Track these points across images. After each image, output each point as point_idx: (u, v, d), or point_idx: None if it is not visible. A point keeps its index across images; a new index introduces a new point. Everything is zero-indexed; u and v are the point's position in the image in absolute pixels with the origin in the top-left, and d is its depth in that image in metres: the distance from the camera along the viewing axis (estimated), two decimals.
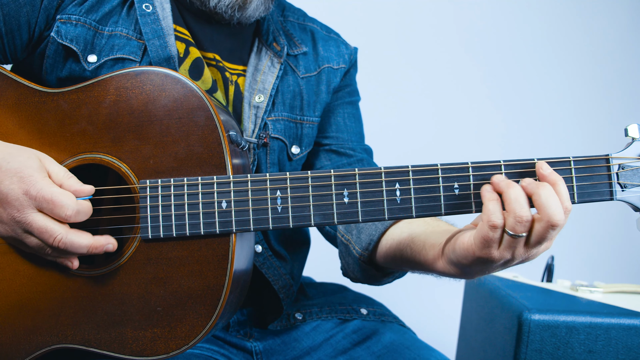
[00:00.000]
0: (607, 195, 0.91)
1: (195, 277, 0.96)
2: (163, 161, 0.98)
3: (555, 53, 2.70)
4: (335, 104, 1.36)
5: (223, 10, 1.17)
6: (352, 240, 1.18)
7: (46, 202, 0.91)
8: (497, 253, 0.87)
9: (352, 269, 1.20)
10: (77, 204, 0.92)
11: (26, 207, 0.91)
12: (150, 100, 0.99)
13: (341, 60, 1.36)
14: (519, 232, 0.84)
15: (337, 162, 1.33)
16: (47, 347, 0.99)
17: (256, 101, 1.22)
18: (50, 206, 0.91)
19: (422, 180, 0.92)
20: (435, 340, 1.35)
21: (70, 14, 1.12)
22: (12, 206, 0.91)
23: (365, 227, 1.15)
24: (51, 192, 0.91)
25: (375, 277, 1.20)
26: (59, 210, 0.91)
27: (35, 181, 0.91)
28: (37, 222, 0.91)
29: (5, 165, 0.92)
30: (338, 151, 1.33)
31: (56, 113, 1.01)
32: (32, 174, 0.92)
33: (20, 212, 0.91)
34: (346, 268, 1.23)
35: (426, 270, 1.03)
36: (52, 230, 0.91)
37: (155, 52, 1.12)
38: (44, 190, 0.91)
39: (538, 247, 0.87)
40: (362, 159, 1.33)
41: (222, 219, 0.95)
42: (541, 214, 0.84)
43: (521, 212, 0.83)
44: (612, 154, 0.92)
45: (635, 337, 1.40)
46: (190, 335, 0.95)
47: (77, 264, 0.97)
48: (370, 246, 1.13)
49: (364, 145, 1.39)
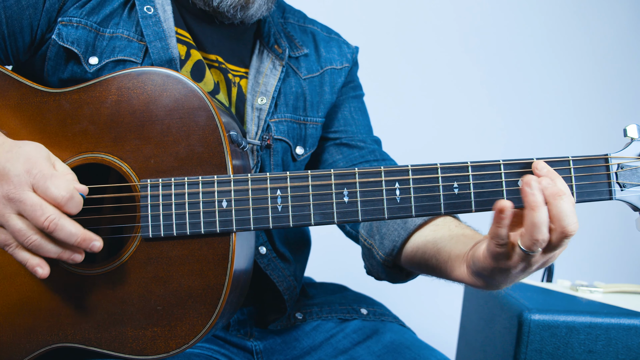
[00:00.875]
0: (606, 195, 0.91)
1: (196, 276, 0.96)
2: (164, 161, 0.98)
3: (554, 53, 2.70)
4: (341, 99, 1.37)
5: (226, 9, 1.17)
6: (375, 245, 1.18)
7: (43, 179, 0.89)
8: (512, 263, 0.86)
9: (377, 270, 1.21)
10: (73, 190, 0.91)
11: (24, 184, 0.89)
12: (152, 100, 0.99)
13: (344, 60, 1.37)
14: (534, 250, 0.84)
15: (349, 155, 1.33)
16: (48, 346, 0.99)
17: (259, 103, 1.22)
18: (47, 183, 0.89)
19: (421, 179, 0.93)
20: (435, 340, 1.35)
21: (71, 16, 1.12)
22: (11, 182, 0.89)
23: (388, 232, 1.15)
24: (51, 172, 0.90)
25: (400, 277, 1.20)
26: (53, 190, 0.89)
27: (40, 164, 0.91)
28: (32, 198, 0.89)
29: (16, 149, 0.92)
30: (349, 144, 1.33)
31: (58, 113, 1.02)
32: (40, 159, 0.92)
33: (16, 188, 0.89)
34: (370, 269, 1.24)
35: (452, 280, 1.03)
36: (46, 208, 0.89)
37: (157, 55, 1.13)
38: (44, 170, 0.90)
39: (554, 252, 0.86)
40: (374, 150, 1.33)
41: (223, 218, 0.95)
42: (555, 224, 0.83)
43: (538, 236, 0.82)
44: (611, 153, 0.92)
45: (635, 337, 1.40)
46: (190, 334, 0.95)
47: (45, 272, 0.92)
48: (394, 252, 1.13)
49: (373, 136, 1.39)
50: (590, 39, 2.71)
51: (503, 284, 0.94)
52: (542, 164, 0.89)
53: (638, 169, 0.91)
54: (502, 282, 0.93)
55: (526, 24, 2.69)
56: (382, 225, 1.18)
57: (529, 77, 2.70)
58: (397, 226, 1.14)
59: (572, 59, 2.71)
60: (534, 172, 0.89)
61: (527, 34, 2.69)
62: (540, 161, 0.89)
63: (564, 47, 2.71)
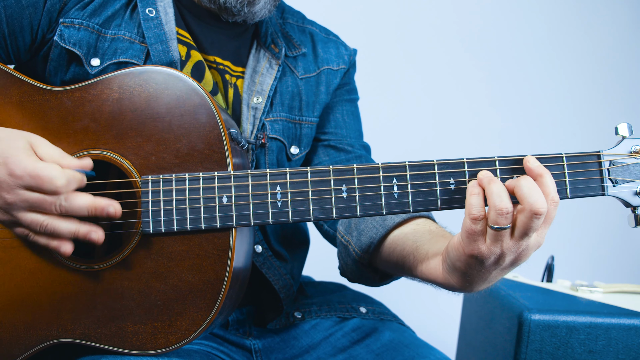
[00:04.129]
0: (598, 191, 0.93)
1: (196, 271, 0.97)
2: (165, 157, 0.99)
3: (550, 52, 2.71)
4: (335, 101, 1.37)
5: (232, 4, 1.17)
6: (352, 241, 1.18)
7: (32, 179, 0.90)
8: (485, 248, 0.87)
9: (350, 269, 1.21)
10: (65, 174, 0.91)
11: (15, 187, 0.90)
12: (153, 97, 1.00)
13: (341, 62, 1.37)
14: (501, 224, 0.85)
15: (336, 157, 1.33)
16: (47, 342, 0.99)
17: (254, 102, 1.23)
18: (38, 182, 0.90)
19: (419, 175, 0.94)
20: (435, 340, 1.35)
21: (73, 18, 1.12)
22: (2, 189, 0.91)
23: (366, 229, 1.15)
24: (34, 167, 0.90)
25: (373, 280, 1.20)
26: (49, 185, 0.90)
27: (18, 161, 0.90)
28: (32, 196, 0.90)
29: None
30: (336, 147, 1.34)
31: (59, 110, 1.02)
32: (16, 154, 0.91)
33: (10, 192, 0.91)
34: (344, 268, 1.24)
35: (428, 279, 1.02)
36: (51, 198, 0.91)
37: (158, 57, 1.13)
38: (28, 168, 0.90)
39: (527, 240, 0.87)
40: (361, 155, 1.34)
41: (223, 214, 0.96)
42: (523, 204, 0.84)
43: (501, 205, 0.84)
44: (604, 150, 0.94)
45: (635, 337, 1.40)
46: (190, 329, 0.96)
47: (69, 248, 0.95)
48: (370, 248, 1.14)
49: (362, 142, 1.40)
50: (585, 38, 2.72)
51: (478, 281, 0.94)
52: (532, 159, 0.90)
53: (629, 166, 0.93)
54: (476, 278, 0.93)
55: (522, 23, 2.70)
56: (360, 222, 1.18)
57: (524, 76, 2.71)
58: (375, 223, 1.14)
59: (567, 59, 2.72)
60: (524, 166, 0.90)
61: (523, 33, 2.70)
62: (531, 156, 0.90)
63: (559, 47, 2.72)
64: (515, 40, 2.70)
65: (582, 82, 2.74)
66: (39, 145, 0.95)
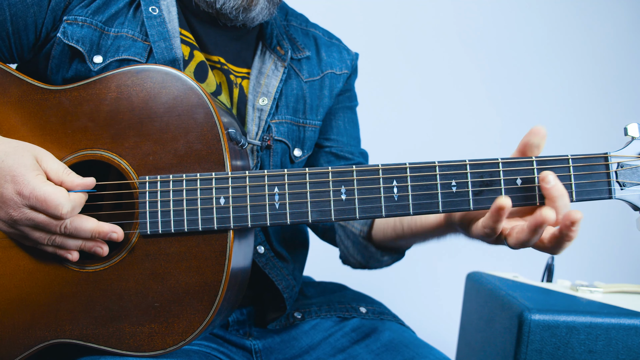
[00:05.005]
0: (605, 194, 0.90)
1: (193, 273, 0.96)
2: (163, 158, 0.98)
3: (553, 52, 2.70)
4: (337, 107, 1.39)
5: (228, 11, 1.17)
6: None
7: (39, 203, 0.91)
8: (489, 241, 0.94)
9: (352, 252, 1.21)
10: (71, 201, 0.93)
11: (21, 206, 0.92)
12: (151, 97, 0.99)
13: (344, 66, 1.38)
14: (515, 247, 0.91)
15: (335, 164, 1.35)
16: (46, 342, 0.99)
17: (260, 104, 1.23)
18: (44, 206, 0.91)
19: (419, 177, 0.93)
20: (435, 340, 1.35)
21: (76, 15, 1.12)
22: (9, 206, 0.92)
23: None
24: (44, 192, 0.91)
25: (375, 257, 1.21)
26: (54, 211, 0.92)
27: (27, 181, 0.91)
28: (38, 216, 0.93)
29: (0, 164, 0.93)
30: (337, 154, 1.36)
31: (58, 110, 1.02)
32: (25, 173, 0.92)
33: (17, 211, 0.92)
34: (345, 253, 1.24)
35: (427, 226, 1.07)
36: (56, 222, 0.93)
37: (161, 55, 1.13)
38: (36, 191, 0.91)
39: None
40: (359, 163, 1.36)
41: (220, 215, 0.95)
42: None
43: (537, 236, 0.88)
44: (611, 152, 0.91)
45: (635, 337, 1.39)
46: (187, 331, 0.96)
47: (76, 256, 0.98)
48: (368, 221, 1.17)
49: (360, 149, 1.42)
50: (589, 39, 2.71)
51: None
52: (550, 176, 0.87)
53: (638, 168, 0.90)
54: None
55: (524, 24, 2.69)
56: None
57: (528, 77, 2.70)
58: None
59: (571, 58, 2.71)
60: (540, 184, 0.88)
61: (525, 33, 2.69)
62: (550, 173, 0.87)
63: (563, 47, 2.70)
64: (517, 41, 2.69)
65: (587, 81, 2.72)
66: (43, 159, 0.96)
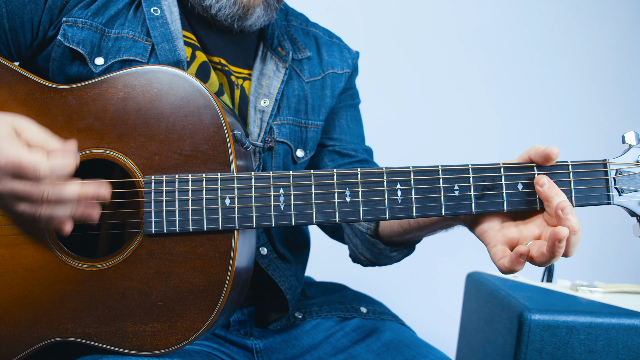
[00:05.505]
0: (604, 200, 0.93)
1: (197, 272, 0.97)
2: (168, 158, 0.99)
3: (554, 56, 2.70)
4: (339, 106, 1.38)
5: (223, 18, 1.18)
6: None
7: (15, 169, 0.86)
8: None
9: (361, 250, 1.22)
10: (50, 160, 0.88)
11: (1, 178, 0.88)
12: (158, 97, 1.00)
13: (345, 65, 1.37)
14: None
15: (340, 162, 1.34)
16: (47, 340, 0.99)
17: (262, 105, 1.23)
18: (21, 171, 0.86)
19: (423, 180, 0.94)
20: (435, 340, 1.35)
21: (76, 17, 1.12)
22: None
23: None
24: (18, 157, 0.86)
25: (384, 253, 1.21)
26: (32, 174, 0.86)
27: (3, 148, 0.87)
28: (19, 186, 0.88)
29: None
30: (341, 152, 1.35)
31: (64, 109, 1.02)
32: (1, 140, 0.87)
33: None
34: (354, 251, 1.24)
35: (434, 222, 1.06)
36: (37, 187, 0.88)
37: (165, 56, 1.13)
38: (11, 157, 0.86)
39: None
40: (363, 159, 1.35)
41: (225, 216, 0.96)
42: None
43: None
44: (610, 159, 0.93)
45: (635, 337, 1.39)
46: (190, 330, 0.96)
47: (70, 227, 0.93)
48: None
49: (364, 146, 1.41)
50: (589, 39, 2.71)
51: None
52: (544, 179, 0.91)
53: (636, 175, 0.93)
54: None
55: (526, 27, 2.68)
56: None
57: (529, 82, 2.70)
58: None
59: (572, 63, 2.71)
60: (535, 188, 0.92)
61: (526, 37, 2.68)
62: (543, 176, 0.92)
63: (564, 51, 2.70)
64: (518, 44, 2.68)
65: (590, 86, 2.72)
66: (23, 128, 0.90)
